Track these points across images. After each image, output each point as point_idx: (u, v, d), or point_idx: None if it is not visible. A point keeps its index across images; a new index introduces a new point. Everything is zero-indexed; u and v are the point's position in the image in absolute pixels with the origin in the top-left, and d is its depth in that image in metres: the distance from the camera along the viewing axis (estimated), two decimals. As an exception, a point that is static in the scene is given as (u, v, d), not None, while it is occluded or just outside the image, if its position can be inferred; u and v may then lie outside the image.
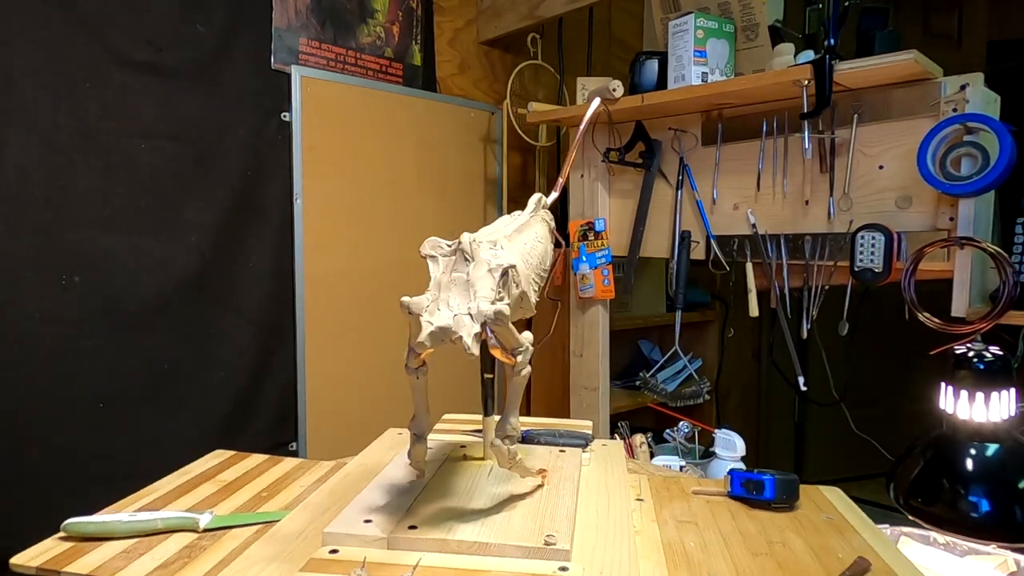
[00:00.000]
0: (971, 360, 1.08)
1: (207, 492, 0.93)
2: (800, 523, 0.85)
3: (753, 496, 0.88)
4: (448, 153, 2.08)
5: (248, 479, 0.98)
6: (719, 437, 1.60)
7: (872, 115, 1.36)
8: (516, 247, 0.78)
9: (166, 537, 0.79)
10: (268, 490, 0.94)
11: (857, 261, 1.32)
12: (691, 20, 1.50)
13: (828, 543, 0.80)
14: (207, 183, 1.59)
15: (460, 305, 0.68)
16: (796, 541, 0.80)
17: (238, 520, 0.84)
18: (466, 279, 0.69)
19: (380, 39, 1.94)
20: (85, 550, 0.76)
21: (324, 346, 1.80)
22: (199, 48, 1.56)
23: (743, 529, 0.83)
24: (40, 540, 0.78)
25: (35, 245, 1.37)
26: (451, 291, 0.69)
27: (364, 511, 0.76)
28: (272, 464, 1.03)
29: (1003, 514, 1.02)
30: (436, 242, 0.73)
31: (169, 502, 0.89)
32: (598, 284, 1.83)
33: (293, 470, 1.01)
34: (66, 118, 1.39)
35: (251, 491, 0.93)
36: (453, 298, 0.69)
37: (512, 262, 0.71)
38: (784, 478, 0.87)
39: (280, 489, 0.94)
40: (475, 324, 0.65)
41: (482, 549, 0.68)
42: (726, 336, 2.59)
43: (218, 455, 1.07)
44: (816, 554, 0.77)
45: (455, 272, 0.70)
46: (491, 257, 0.70)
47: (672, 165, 1.69)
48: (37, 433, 1.37)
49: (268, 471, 1.01)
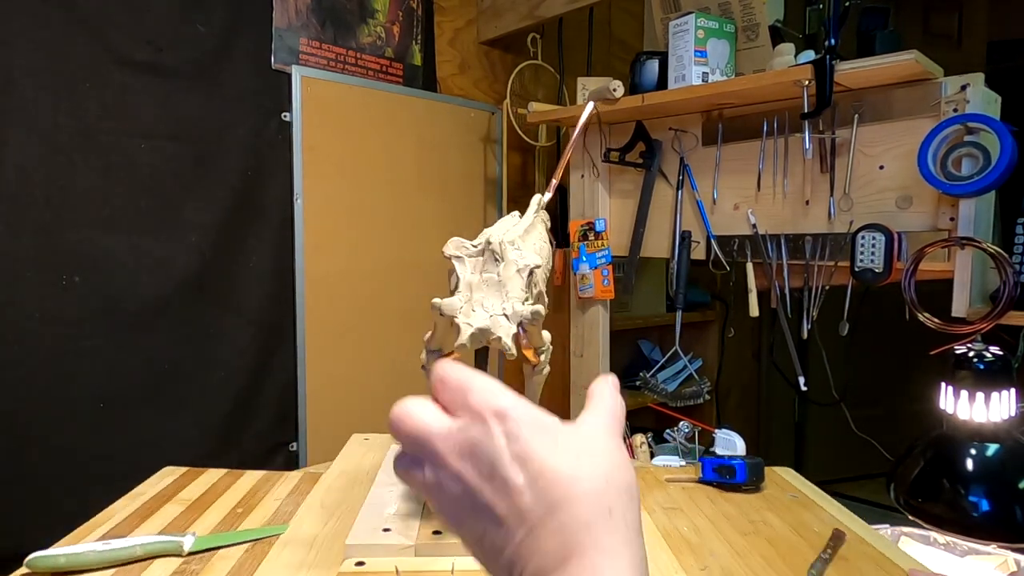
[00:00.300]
0: (971, 360, 1.08)
1: (173, 513, 0.86)
2: (771, 502, 0.91)
3: (725, 480, 0.93)
4: (448, 153, 2.08)
5: (214, 496, 0.91)
6: (719, 437, 1.60)
7: (873, 115, 1.36)
8: (529, 247, 0.79)
9: (148, 565, 0.73)
10: (242, 505, 0.88)
11: (857, 261, 1.31)
12: (691, 20, 1.50)
13: (801, 518, 0.86)
14: (207, 183, 1.58)
15: (495, 306, 0.68)
16: (774, 519, 0.85)
17: (223, 540, 0.78)
18: (498, 279, 0.69)
19: (380, 39, 1.93)
20: None
21: (324, 346, 1.80)
22: (199, 48, 1.56)
23: (724, 512, 0.87)
24: (39, 540, 0.76)
25: (35, 245, 1.37)
26: (484, 292, 0.69)
27: (379, 519, 0.74)
28: (234, 479, 0.98)
29: (1003, 514, 1.02)
30: (461, 242, 0.72)
31: (134, 527, 0.81)
32: (598, 284, 1.83)
33: (260, 483, 0.96)
34: (66, 118, 1.39)
35: (223, 508, 0.88)
36: (487, 299, 0.68)
37: (538, 262, 0.71)
38: (752, 462, 0.93)
39: (255, 504, 0.89)
40: (512, 325, 0.65)
41: None
42: (726, 336, 2.59)
43: (170, 472, 1.01)
44: (794, 529, 0.83)
45: (485, 272, 0.69)
46: (517, 257, 0.70)
47: (672, 165, 1.69)
48: (37, 433, 1.37)
49: (233, 486, 0.95)
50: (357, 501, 0.82)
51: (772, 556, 0.75)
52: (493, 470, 0.31)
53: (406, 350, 1.86)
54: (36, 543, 0.76)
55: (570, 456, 0.32)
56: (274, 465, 1.73)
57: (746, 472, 0.92)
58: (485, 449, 0.32)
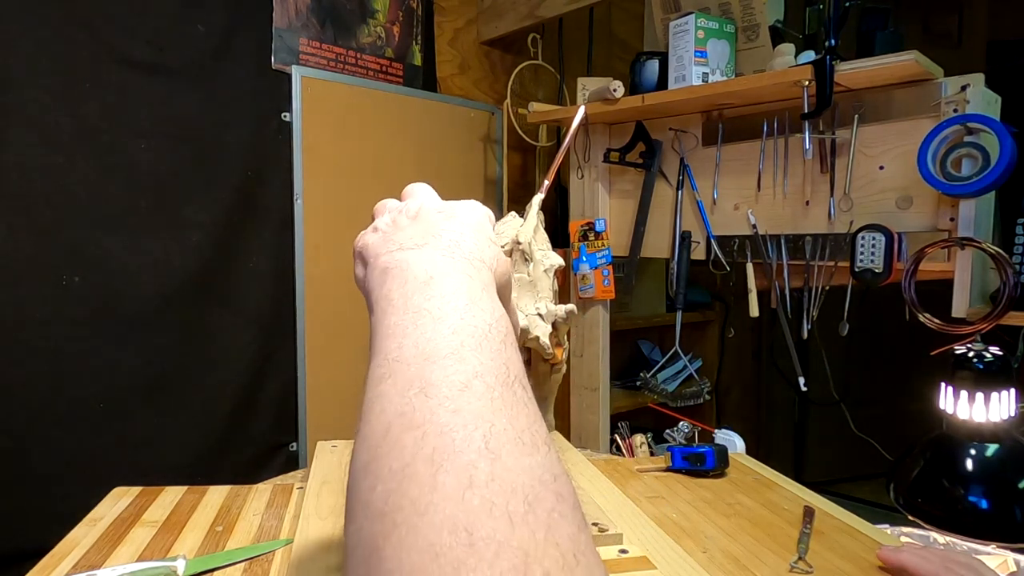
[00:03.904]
0: (971, 360, 1.08)
1: (145, 537, 0.78)
2: (738, 485, 0.94)
3: (695, 468, 0.96)
4: (448, 153, 2.08)
5: (183, 516, 0.84)
6: (719, 437, 1.60)
7: (873, 115, 1.36)
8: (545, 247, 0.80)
9: None
10: (220, 523, 0.82)
11: (857, 261, 1.32)
12: (692, 20, 1.50)
13: (770, 498, 0.89)
14: (207, 183, 1.58)
15: (528, 306, 0.68)
16: (747, 500, 0.88)
17: (218, 561, 0.73)
18: (529, 279, 0.69)
19: (380, 39, 1.93)
20: None
21: (324, 346, 1.80)
22: (199, 48, 1.56)
23: (702, 497, 0.90)
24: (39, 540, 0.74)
25: (35, 245, 1.37)
26: (517, 292, 0.69)
27: None
28: (198, 495, 0.90)
29: (1003, 514, 1.02)
30: None
31: (107, 555, 0.74)
32: (598, 284, 1.83)
33: (229, 499, 0.90)
34: (66, 118, 1.39)
35: (201, 527, 0.81)
36: (520, 299, 0.69)
37: (561, 262, 0.72)
38: (719, 448, 0.97)
39: (233, 521, 0.83)
40: (548, 324, 0.66)
41: None
42: (726, 336, 2.59)
43: (123, 492, 0.93)
44: (769, 508, 0.86)
45: (516, 272, 0.70)
46: (543, 257, 0.71)
47: (672, 165, 1.69)
48: (37, 433, 1.37)
49: (200, 504, 0.88)
50: None
51: (760, 535, 0.78)
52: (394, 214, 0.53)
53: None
54: (36, 543, 0.75)
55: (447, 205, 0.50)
56: (274, 465, 1.73)
57: (714, 459, 0.95)
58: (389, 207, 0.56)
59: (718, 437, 1.62)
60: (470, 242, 0.45)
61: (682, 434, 1.79)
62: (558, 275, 0.75)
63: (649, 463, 1.01)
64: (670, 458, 0.98)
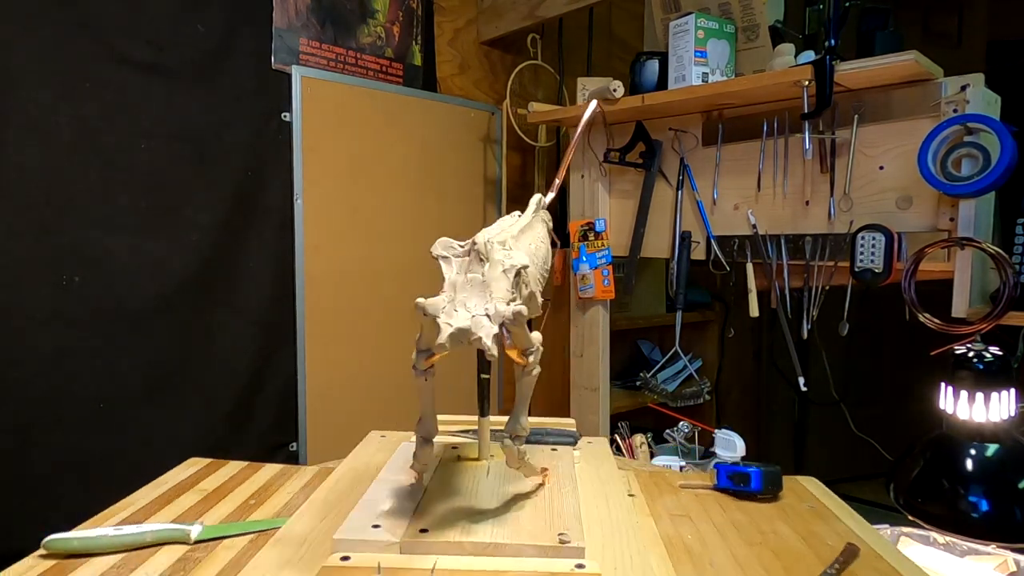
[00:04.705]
0: (971, 360, 1.08)
1: (190, 502, 0.89)
2: (786, 512, 0.88)
3: (740, 488, 0.90)
4: (448, 153, 2.08)
5: (231, 487, 0.95)
6: (719, 437, 1.60)
7: (873, 115, 1.36)
8: (523, 247, 0.79)
9: (155, 551, 0.76)
10: (255, 497, 0.91)
11: (857, 261, 1.32)
12: (692, 20, 1.50)
13: (814, 530, 0.83)
14: (207, 183, 1.58)
15: (477, 306, 0.67)
16: (785, 530, 0.83)
17: (230, 530, 0.81)
18: (482, 280, 0.69)
19: (380, 39, 1.94)
20: (69, 568, 0.72)
21: (324, 346, 1.80)
22: (199, 48, 1.56)
23: (734, 520, 0.85)
24: (39, 540, 0.77)
25: (35, 245, 1.37)
26: (467, 292, 0.69)
27: (371, 516, 0.74)
28: (253, 471, 1.00)
29: (1003, 514, 1.02)
30: (448, 243, 0.72)
31: (151, 514, 0.85)
32: (598, 284, 1.83)
33: (276, 476, 0.99)
34: (66, 118, 1.39)
35: (237, 499, 0.91)
36: (470, 299, 0.68)
37: (525, 263, 0.71)
38: (768, 470, 0.90)
39: (267, 496, 0.92)
40: (494, 325, 0.65)
41: (497, 550, 0.68)
42: (726, 336, 2.59)
43: (194, 463, 1.04)
44: (806, 541, 0.80)
45: (470, 273, 0.69)
46: (504, 257, 0.70)
47: (672, 165, 1.69)
48: (37, 433, 1.37)
49: (250, 478, 0.98)
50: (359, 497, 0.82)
51: (776, 568, 0.74)
52: None
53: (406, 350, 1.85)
54: (36, 543, 0.76)
55: None
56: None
57: (761, 480, 0.89)
58: None
59: (718, 437, 1.63)
60: None
61: (682, 434, 1.80)
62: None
63: (695, 479, 0.98)
64: (716, 475, 0.93)
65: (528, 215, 0.89)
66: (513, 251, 0.73)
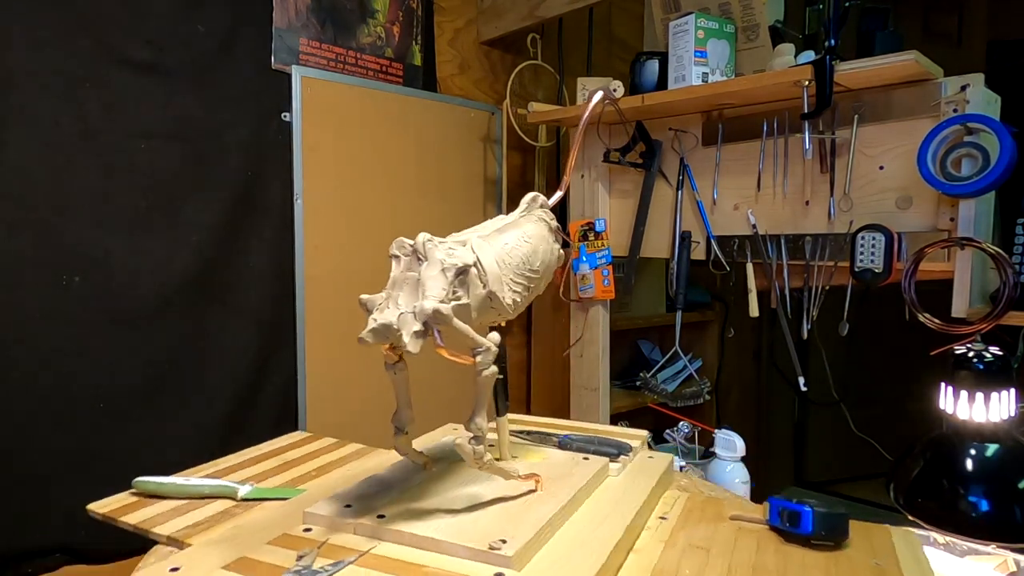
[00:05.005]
0: (971, 360, 1.08)
1: (268, 467, 1.02)
2: (838, 565, 0.73)
3: (790, 528, 0.77)
4: (448, 153, 2.08)
5: (308, 459, 1.05)
6: (719, 437, 1.60)
7: (872, 115, 1.36)
8: (493, 247, 0.78)
9: (209, 502, 0.90)
10: (319, 471, 1.00)
11: (857, 261, 1.32)
12: (692, 20, 1.50)
13: None
14: (207, 183, 1.58)
15: (407, 303, 0.69)
16: None
17: (274, 494, 0.91)
18: (417, 278, 0.70)
19: (380, 39, 1.94)
20: (145, 504, 0.89)
21: (324, 346, 1.80)
22: (199, 48, 1.56)
23: (760, 563, 0.73)
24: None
25: (35, 245, 1.37)
26: (402, 289, 0.71)
27: (351, 497, 0.79)
28: (337, 447, 1.11)
29: (1003, 514, 1.02)
30: (402, 242, 0.74)
31: (232, 472, 0.99)
32: (598, 284, 1.83)
33: (352, 454, 1.08)
34: (66, 118, 1.39)
35: (304, 470, 1.01)
36: (403, 296, 0.70)
37: (468, 261, 0.71)
38: (825, 511, 0.75)
39: (330, 470, 1.00)
40: (416, 323, 0.66)
41: (433, 545, 0.69)
42: (726, 336, 2.59)
43: (295, 435, 1.17)
44: None
45: (409, 271, 0.72)
46: (446, 256, 0.71)
47: (672, 165, 1.69)
48: (37, 433, 1.37)
49: (329, 452, 1.08)
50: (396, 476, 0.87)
51: None
52: None
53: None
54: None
55: None
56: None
57: (813, 522, 0.75)
58: None
59: (718, 437, 1.63)
60: None
61: (682, 434, 1.80)
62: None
63: (750, 511, 0.86)
64: (767, 509, 0.81)
65: (515, 214, 0.88)
66: (462, 249, 0.73)
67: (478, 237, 0.77)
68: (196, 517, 0.85)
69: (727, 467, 1.46)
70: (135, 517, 0.85)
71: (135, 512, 0.87)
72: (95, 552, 1.41)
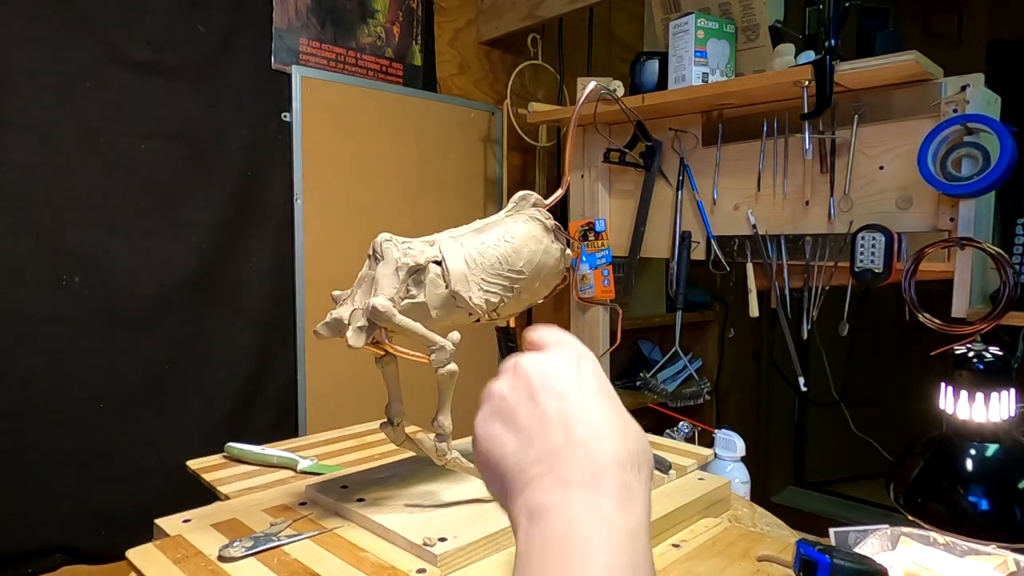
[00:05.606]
0: (971, 360, 1.08)
1: (343, 447, 1.13)
2: None
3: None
4: (448, 153, 2.08)
5: (378, 444, 1.15)
6: (719, 437, 1.60)
7: (872, 116, 1.36)
8: (466, 246, 0.77)
9: (276, 470, 1.02)
10: (379, 455, 1.09)
11: (857, 261, 1.32)
12: (692, 20, 1.50)
13: None
14: (207, 183, 1.58)
15: (361, 300, 0.72)
16: None
17: (327, 469, 1.01)
18: (373, 276, 0.73)
19: (380, 39, 1.93)
20: (227, 465, 1.03)
21: (324, 346, 1.80)
22: (199, 48, 1.56)
23: None
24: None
25: (35, 245, 1.37)
26: (361, 287, 0.74)
27: (349, 480, 0.84)
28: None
29: (1003, 514, 1.02)
30: (374, 241, 0.77)
31: (312, 448, 1.11)
32: (598, 284, 1.83)
33: None
34: (66, 118, 1.39)
35: (369, 452, 1.10)
36: (359, 294, 0.73)
37: (420, 261, 0.73)
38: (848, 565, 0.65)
39: (390, 455, 1.06)
40: (362, 319, 0.68)
41: (384, 533, 0.73)
42: (726, 336, 2.58)
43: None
44: None
45: (370, 270, 0.74)
46: (401, 256, 0.73)
47: (672, 165, 1.69)
48: (37, 433, 1.37)
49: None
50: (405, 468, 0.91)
51: None
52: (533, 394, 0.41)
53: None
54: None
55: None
56: (274, 465, 1.73)
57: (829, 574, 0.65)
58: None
59: (718, 437, 1.62)
60: (608, 451, 0.37)
61: (682, 434, 1.79)
62: (423, 272, 0.76)
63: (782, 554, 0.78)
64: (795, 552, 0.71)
65: (501, 213, 0.87)
66: (422, 249, 0.75)
67: (449, 237, 0.78)
68: (258, 482, 0.96)
69: (727, 467, 1.46)
70: (212, 475, 0.99)
71: (217, 471, 1.01)
72: (95, 552, 1.41)
